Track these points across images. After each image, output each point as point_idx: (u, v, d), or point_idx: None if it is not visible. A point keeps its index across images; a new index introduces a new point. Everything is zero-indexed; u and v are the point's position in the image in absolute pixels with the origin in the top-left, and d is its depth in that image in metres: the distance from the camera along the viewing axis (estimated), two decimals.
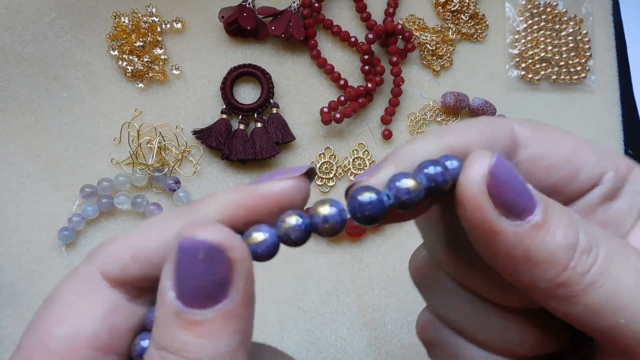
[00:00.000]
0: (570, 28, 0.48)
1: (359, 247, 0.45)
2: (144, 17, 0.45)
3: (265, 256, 0.18)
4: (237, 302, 0.17)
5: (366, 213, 0.17)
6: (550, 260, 0.18)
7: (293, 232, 0.17)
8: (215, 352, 0.16)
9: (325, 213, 0.17)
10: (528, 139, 0.20)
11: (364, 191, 0.17)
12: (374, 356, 0.43)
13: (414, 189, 0.17)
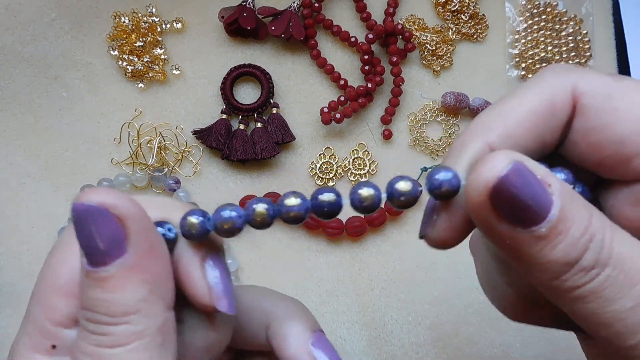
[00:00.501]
0: (570, 28, 0.48)
1: (359, 247, 0.45)
2: (144, 17, 0.45)
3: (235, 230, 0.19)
4: (137, 256, 0.18)
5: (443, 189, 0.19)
6: (543, 268, 0.18)
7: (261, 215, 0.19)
8: (122, 303, 0.18)
9: (292, 204, 0.19)
10: (588, 110, 0.20)
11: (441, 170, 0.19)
12: (374, 356, 0.44)
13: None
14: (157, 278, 0.19)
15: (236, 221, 0.19)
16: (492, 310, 0.45)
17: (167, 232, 0.20)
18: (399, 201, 0.19)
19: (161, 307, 0.19)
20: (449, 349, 0.44)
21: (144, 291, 0.18)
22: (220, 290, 0.20)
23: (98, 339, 0.18)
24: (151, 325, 0.19)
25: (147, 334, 0.18)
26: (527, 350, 0.44)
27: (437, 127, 0.47)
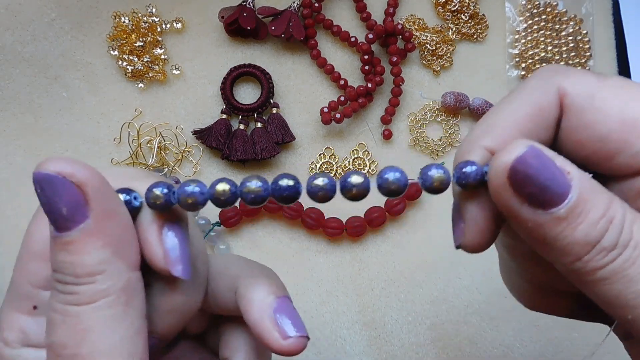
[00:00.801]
0: (570, 28, 0.48)
1: (359, 247, 0.45)
2: (144, 17, 0.45)
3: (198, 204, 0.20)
4: (97, 220, 0.19)
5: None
6: (565, 251, 0.19)
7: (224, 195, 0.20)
8: (86, 264, 0.19)
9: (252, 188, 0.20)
10: (572, 110, 0.21)
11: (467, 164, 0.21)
12: (374, 356, 0.44)
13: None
14: (119, 241, 0.20)
15: (198, 197, 0.20)
16: (492, 310, 0.45)
17: (133, 200, 0.21)
18: (389, 190, 0.21)
19: (124, 268, 0.20)
20: (449, 349, 0.44)
21: (106, 253, 0.20)
22: (176, 256, 0.21)
23: (66, 298, 0.20)
24: (115, 284, 0.20)
25: (111, 293, 0.20)
26: (527, 350, 0.44)
27: (437, 127, 0.47)
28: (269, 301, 0.24)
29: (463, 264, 0.45)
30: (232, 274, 0.25)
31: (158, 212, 0.21)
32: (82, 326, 0.20)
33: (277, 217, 0.45)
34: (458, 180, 0.21)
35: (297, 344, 0.23)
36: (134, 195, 0.21)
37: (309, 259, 0.45)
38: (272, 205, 0.44)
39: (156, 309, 0.22)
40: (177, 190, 0.20)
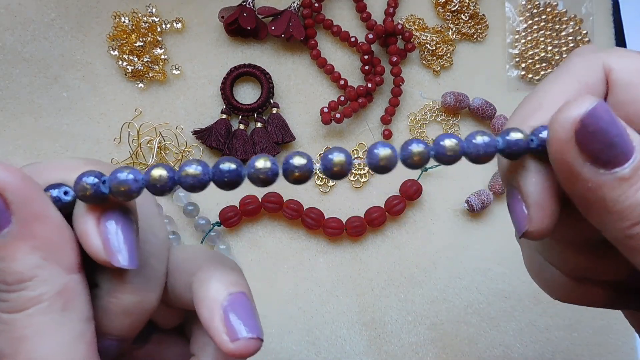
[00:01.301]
0: (570, 28, 0.48)
1: (359, 247, 0.45)
2: (144, 17, 0.45)
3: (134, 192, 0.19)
4: (22, 224, 0.19)
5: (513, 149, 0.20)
6: (624, 214, 0.18)
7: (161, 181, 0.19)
8: (15, 271, 0.19)
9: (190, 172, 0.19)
10: (618, 85, 0.21)
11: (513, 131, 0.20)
12: (374, 356, 0.44)
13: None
14: (49, 243, 0.19)
15: (132, 185, 0.19)
16: (492, 310, 0.45)
17: (63, 196, 0.20)
18: (333, 172, 0.19)
19: (58, 272, 0.19)
20: (448, 349, 0.44)
21: (36, 258, 0.19)
22: (115, 245, 0.20)
23: (0, 305, 0.19)
24: (48, 290, 0.19)
25: (45, 299, 0.19)
26: (527, 350, 0.44)
27: (437, 127, 0.47)
28: (220, 298, 0.21)
29: (463, 263, 0.45)
30: (188, 269, 0.23)
31: (92, 204, 0.19)
32: (17, 334, 0.19)
33: (277, 217, 0.45)
34: (507, 147, 0.20)
35: (246, 346, 0.21)
36: (63, 190, 0.20)
37: (309, 259, 0.45)
38: (272, 206, 0.44)
39: (106, 311, 0.21)
40: (108, 178, 0.19)
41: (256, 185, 0.19)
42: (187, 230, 0.45)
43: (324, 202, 0.45)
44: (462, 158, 0.21)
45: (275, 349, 0.43)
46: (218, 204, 0.44)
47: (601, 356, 0.44)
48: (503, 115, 0.46)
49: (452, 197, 0.46)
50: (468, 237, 0.45)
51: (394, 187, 0.45)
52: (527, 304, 0.45)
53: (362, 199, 0.46)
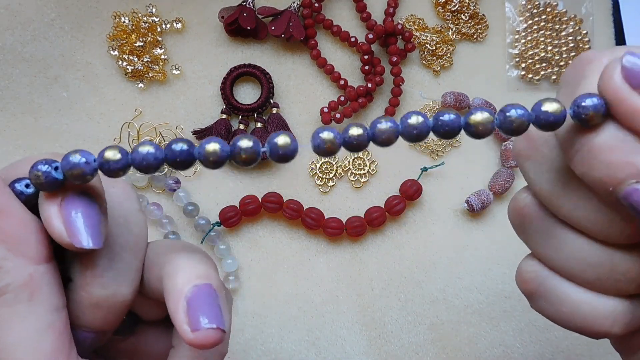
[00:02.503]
0: (570, 28, 0.48)
1: (359, 247, 0.45)
2: (144, 17, 0.45)
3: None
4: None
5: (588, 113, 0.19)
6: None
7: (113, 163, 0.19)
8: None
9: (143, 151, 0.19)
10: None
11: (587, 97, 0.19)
12: (374, 356, 0.44)
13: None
14: (13, 236, 0.19)
15: (84, 167, 0.19)
16: (492, 310, 0.45)
17: (25, 189, 0.20)
18: (324, 150, 0.19)
19: (23, 263, 0.19)
20: (449, 349, 0.44)
21: (1, 250, 0.19)
22: (77, 226, 0.20)
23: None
24: (13, 281, 0.19)
25: (10, 290, 0.19)
26: (527, 350, 0.44)
27: None
28: (185, 290, 0.21)
29: (463, 263, 0.45)
30: (160, 262, 0.23)
31: (50, 191, 0.20)
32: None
33: (277, 217, 0.45)
34: (576, 113, 0.19)
35: (206, 336, 0.20)
36: (25, 183, 0.20)
37: (309, 259, 0.45)
38: (272, 206, 0.44)
39: (79, 304, 0.22)
40: (60, 163, 0.19)
41: (207, 167, 0.19)
42: (187, 230, 0.45)
43: (324, 202, 0.45)
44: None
45: (275, 349, 0.43)
46: (218, 204, 0.45)
47: (601, 356, 0.44)
48: None
49: (452, 197, 0.46)
50: (468, 237, 0.45)
51: (394, 187, 0.45)
52: (527, 304, 0.44)
53: (362, 199, 0.46)
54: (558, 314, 0.23)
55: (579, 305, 0.23)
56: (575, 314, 0.23)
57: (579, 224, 0.22)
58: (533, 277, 0.24)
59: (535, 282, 0.24)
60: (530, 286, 0.24)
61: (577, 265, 0.22)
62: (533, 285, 0.24)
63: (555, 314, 0.24)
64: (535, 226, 0.23)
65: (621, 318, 0.22)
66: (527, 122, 0.20)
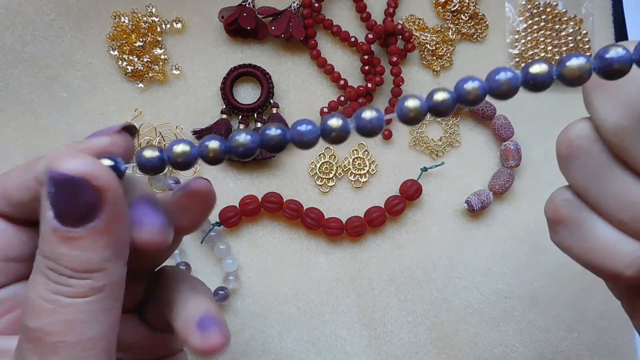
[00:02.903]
0: (570, 28, 0.48)
1: (359, 247, 0.45)
2: (144, 17, 0.45)
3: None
4: (105, 222, 0.20)
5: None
6: None
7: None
8: (87, 261, 0.20)
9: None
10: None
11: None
12: (374, 356, 0.44)
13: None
14: (121, 240, 0.21)
15: (188, 159, 0.21)
16: (492, 310, 0.45)
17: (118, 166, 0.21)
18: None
19: (120, 266, 0.21)
20: (448, 349, 0.44)
21: (109, 252, 0.20)
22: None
23: (59, 288, 0.20)
24: (111, 282, 0.21)
25: (106, 290, 0.21)
26: (527, 350, 0.44)
27: (437, 127, 0.47)
28: (196, 315, 0.24)
29: (463, 263, 0.45)
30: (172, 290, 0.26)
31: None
32: (72, 317, 0.20)
33: (277, 217, 0.45)
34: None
35: (214, 341, 0.23)
36: (116, 160, 0.21)
37: (309, 259, 0.45)
38: (272, 206, 0.44)
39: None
40: (165, 153, 0.21)
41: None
42: None
43: (324, 202, 0.45)
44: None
45: (275, 349, 0.43)
46: (218, 204, 0.44)
47: (601, 356, 0.44)
48: (503, 115, 0.46)
49: (452, 197, 0.46)
50: (468, 237, 0.45)
51: (394, 187, 0.45)
52: (527, 304, 0.45)
53: (362, 199, 0.46)
54: (578, 247, 0.24)
55: (603, 241, 0.23)
56: (597, 249, 0.23)
57: (638, 162, 0.22)
58: (566, 205, 0.24)
59: (567, 211, 0.24)
60: (561, 214, 0.24)
61: (617, 203, 0.23)
62: (563, 214, 0.24)
63: (574, 246, 0.24)
64: (585, 160, 0.23)
65: (637, 263, 0.23)
66: (631, 62, 0.19)
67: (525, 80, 0.19)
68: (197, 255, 0.44)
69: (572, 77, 0.19)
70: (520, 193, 0.46)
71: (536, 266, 0.45)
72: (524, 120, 0.46)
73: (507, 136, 0.45)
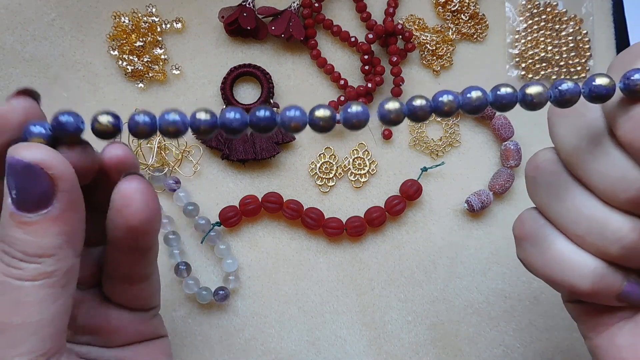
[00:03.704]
0: (570, 28, 0.48)
1: (359, 247, 0.45)
2: (144, 17, 0.45)
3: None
4: (59, 210, 0.21)
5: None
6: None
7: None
8: (38, 246, 0.21)
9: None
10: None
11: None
12: (374, 356, 0.44)
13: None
14: (74, 230, 0.22)
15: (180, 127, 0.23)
16: (492, 310, 0.45)
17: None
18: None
19: (71, 254, 0.22)
20: (449, 349, 0.44)
21: (61, 239, 0.21)
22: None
23: (9, 270, 0.21)
24: (60, 268, 0.22)
25: (55, 276, 0.21)
26: (527, 350, 0.44)
27: (437, 127, 0.47)
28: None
29: (463, 263, 0.45)
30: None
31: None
32: (19, 299, 0.21)
33: (277, 217, 0.45)
34: (626, 87, 0.22)
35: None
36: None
37: (309, 259, 0.45)
38: (272, 206, 0.44)
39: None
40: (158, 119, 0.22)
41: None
42: (187, 231, 0.45)
43: (324, 202, 0.45)
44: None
45: (275, 349, 0.43)
46: (218, 204, 0.45)
47: None
48: (503, 116, 0.46)
49: (452, 197, 0.46)
50: (468, 237, 0.45)
51: (394, 187, 0.45)
52: (527, 304, 0.45)
53: (362, 199, 0.46)
54: (539, 262, 0.26)
55: (562, 255, 0.25)
56: (556, 263, 0.25)
57: (590, 179, 0.24)
58: (530, 223, 0.27)
59: (531, 228, 0.27)
60: (525, 230, 0.27)
61: (573, 217, 0.25)
62: (528, 230, 0.27)
63: (537, 262, 0.26)
64: (547, 179, 0.26)
65: (592, 276, 0.25)
66: (579, 94, 0.22)
67: (495, 100, 0.22)
68: (197, 255, 0.44)
69: (532, 102, 0.22)
70: (520, 193, 0.46)
71: None
72: (524, 120, 0.46)
73: (507, 136, 0.45)
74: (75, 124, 0.22)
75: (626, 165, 0.23)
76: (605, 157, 0.23)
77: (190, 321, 0.43)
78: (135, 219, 0.23)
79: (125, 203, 0.23)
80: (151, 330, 0.29)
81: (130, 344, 0.29)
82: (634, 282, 0.25)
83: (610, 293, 0.25)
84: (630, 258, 0.24)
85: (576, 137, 0.24)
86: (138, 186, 0.23)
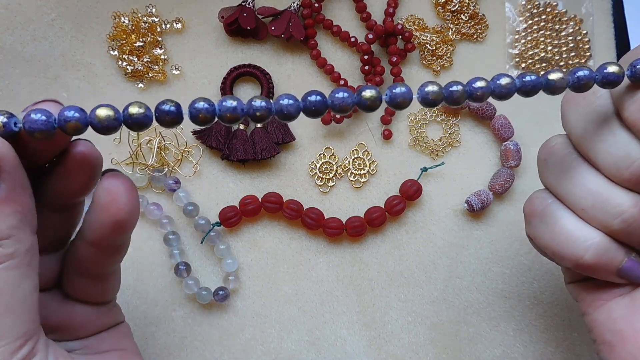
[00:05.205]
0: (570, 28, 0.48)
1: (359, 247, 0.45)
2: (144, 17, 0.45)
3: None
4: (7, 191, 0.21)
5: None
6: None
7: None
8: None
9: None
10: None
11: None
12: (374, 356, 0.44)
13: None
14: (25, 208, 0.22)
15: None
16: (492, 310, 0.45)
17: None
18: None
19: (29, 233, 0.22)
20: (449, 349, 0.44)
21: (15, 220, 0.22)
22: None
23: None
24: (21, 248, 0.22)
25: (17, 255, 0.22)
26: (527, 351, 0.44)
27: (437, 127, 0.47)
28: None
29: (463, 263, 0.45)
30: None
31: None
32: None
33: (277, 217, 0.45)
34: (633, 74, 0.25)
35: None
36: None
37: (309, 259, 0.45)
38: (272, 206, 0.44)
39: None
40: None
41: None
42: (187, 231, 0.45)
43: (324, 202, 0.45)
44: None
45: (275, 349, 0.43)
46: (218, 204, 0.45)
47: None
48: (503, 115, 0.46)
49: (452, 197, 0.46)
50: (468, 237, 0.45)
51: (394, 187, 0.45)
52: (527, 304, 0.45)
53: (362, 199, 0.46)
54: (547, 236, 0.28)
55: (568, 229, 0.28)
56: (562, 236, 0.28)
57: (598, 157, 0.27)
58: (540, 201, 0.29)
59: (540, 204, 0.29)
60: (534, 207, 0.30)
61: (580, 192, 0.27)
62: (536, 207, 0.29)
63: (544, 236, 0.29)
64: (557, 160, 0.29)
65: (594, 249, 0.27)
66: (593, 80, 0.25)
67: (522, 85, 0.25)
68: (197, 255, 0.44)
69: (554, 87, 0.25)
70: (520, 193, 0.46)
71: (536, 266, 0.45)
72: (524, 120, 0.46)
73: (507, 136, 0.45)
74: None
75: (631, 143, 0.26)
76: (612, 136, 0.26)
77: (190, 321, 0.43)
78: (121, 213, 0.24)
79: (111, 198, 0.24)
80: (112, 319, 0.30)
81: (94, 334, 0.29)
82: (635, 259, 0.27)
83: (611, 267, 0.27)
84: (631, 233, 0.26)
85: (586, 121, 0.27)
86: (122, 182, 0.24)
